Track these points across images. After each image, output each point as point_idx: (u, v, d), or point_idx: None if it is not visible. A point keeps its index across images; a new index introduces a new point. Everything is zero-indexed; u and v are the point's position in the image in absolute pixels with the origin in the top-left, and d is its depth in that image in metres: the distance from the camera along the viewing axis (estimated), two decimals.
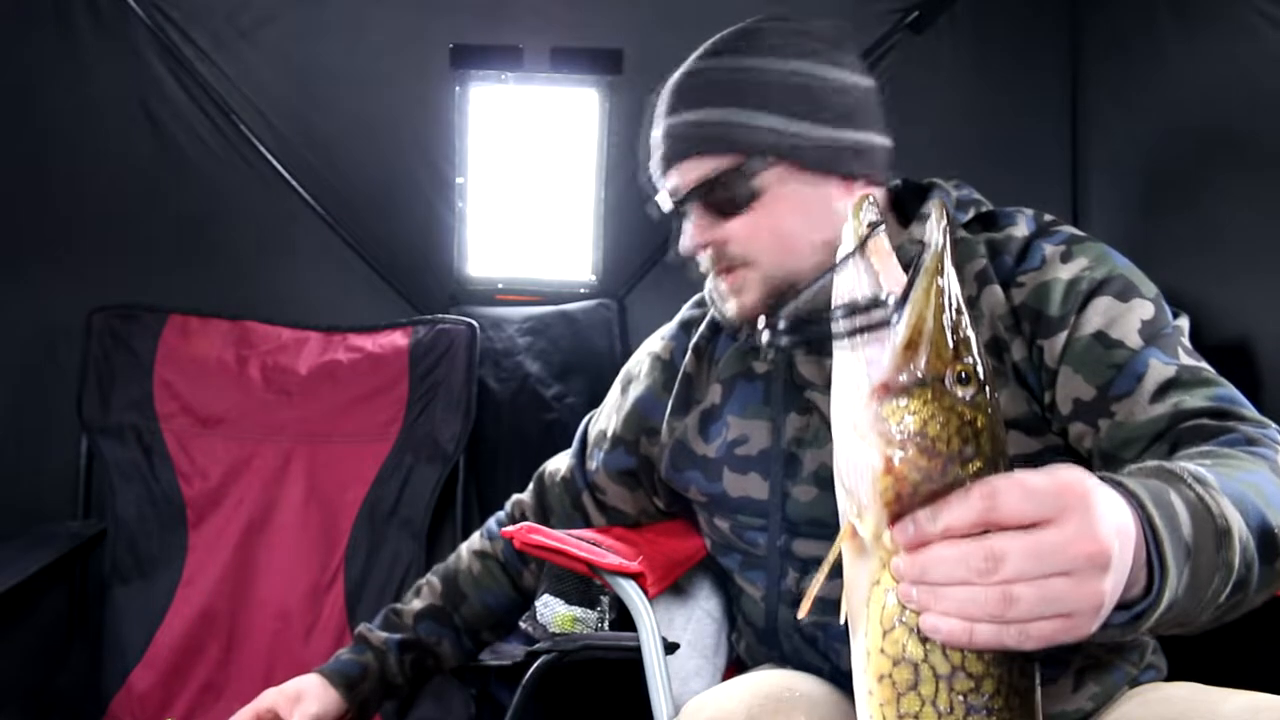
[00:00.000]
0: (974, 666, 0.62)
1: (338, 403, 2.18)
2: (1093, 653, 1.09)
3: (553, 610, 1.95)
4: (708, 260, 1.14)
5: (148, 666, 1.98)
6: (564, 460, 1.43)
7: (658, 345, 1.33)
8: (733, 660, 1.37)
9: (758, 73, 1.09)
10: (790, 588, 1.16)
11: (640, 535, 1.37)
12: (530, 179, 2.48)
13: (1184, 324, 1.07)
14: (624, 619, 1.31)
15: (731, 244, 1.11)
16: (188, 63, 2.30)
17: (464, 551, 1.45)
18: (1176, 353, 1.01)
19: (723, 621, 1.38)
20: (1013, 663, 0.63)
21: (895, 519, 0.62)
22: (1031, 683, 0.65)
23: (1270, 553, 0.74)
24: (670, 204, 1.14)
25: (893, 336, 0.63)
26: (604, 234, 2.45)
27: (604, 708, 1.78)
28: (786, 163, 1.08)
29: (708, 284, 1.18)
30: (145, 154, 2.31)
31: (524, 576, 1.43)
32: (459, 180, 2.40)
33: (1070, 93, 2.44)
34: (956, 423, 0.62)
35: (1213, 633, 0.75)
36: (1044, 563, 0.59)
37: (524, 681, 1.43)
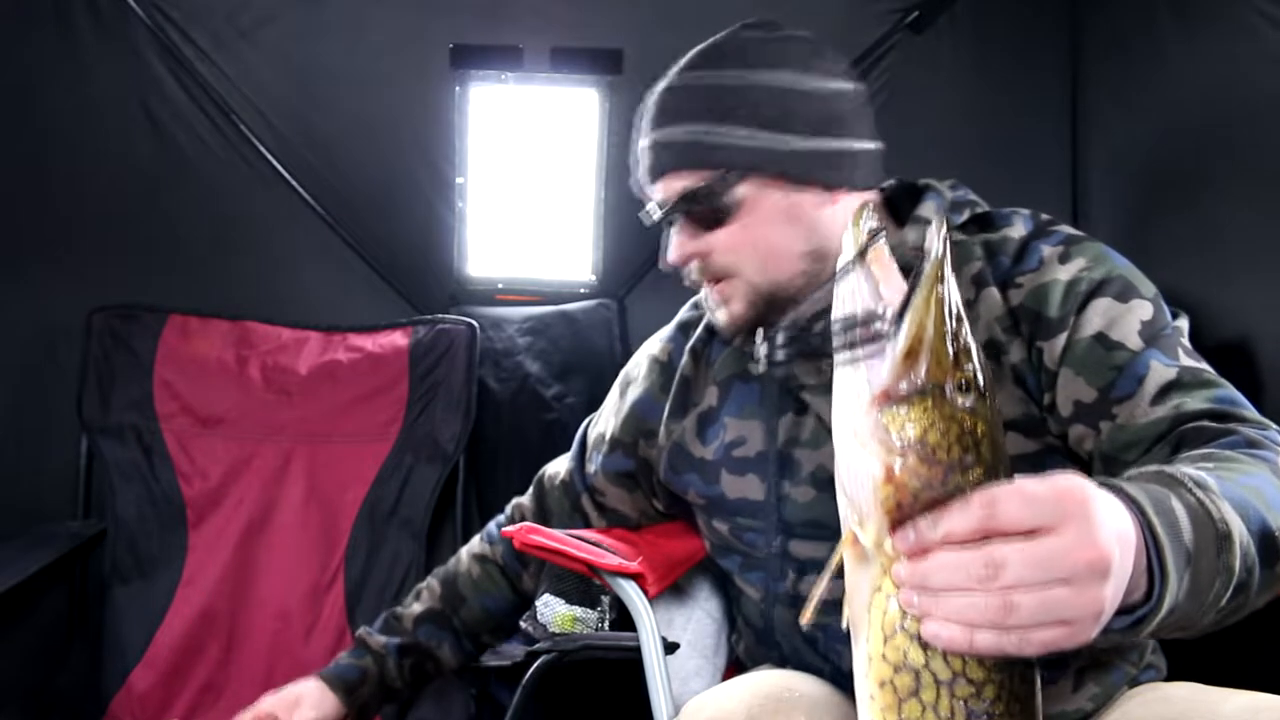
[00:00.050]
0: (975, 672, 0.63)
1: (338, 403, 2.17)
2: (1092, 653, 1.09)
3: (553, 610, 1.95)
4: (695, 271, 1.16)
5: (148, 666, 1.99)
6: (563, 463, 1.44)
7: (655, 347, 1.34)
8: (732, 661, 1.37)
9: (734, 86, 1.09)
10: (789, 589, 1.16)
11: (640, 536, 1.37)
12: (530, 179, 2.48)
13: (1183, 324, 1.07)
14: (624, 619, 1.31)
15: (715, 255, 1.13)
16: (188, 63, 2.30)
17: (464, 555, 1.45)
18: (1177, 354, 1.01)
19: (722, 622, 1.38)
20: (1013, 668, 0.64)
21: (896, 526, 0.62)
22: (1032, 688, 0.65)
23: (1271, 556, 0.74)
24: (656, 216, 1.16)
25: (893, 345, 0.63)
26: (604, 234, 2.44)
27: (604, 708, 1.78)
28: (763, 175, 1.09)
29: (702, 290, 1.19)
30: (145, 154, 2.30)
31: (523, 580, 1.43)
32: (459, 180, 2.40)
33: (1070, 93, 2.43)
34: (957, 431, 0.62)
35: (1212, 632, 0.75)
36: (1044, 570, 0.59)
37: (524, 681, 1.43)
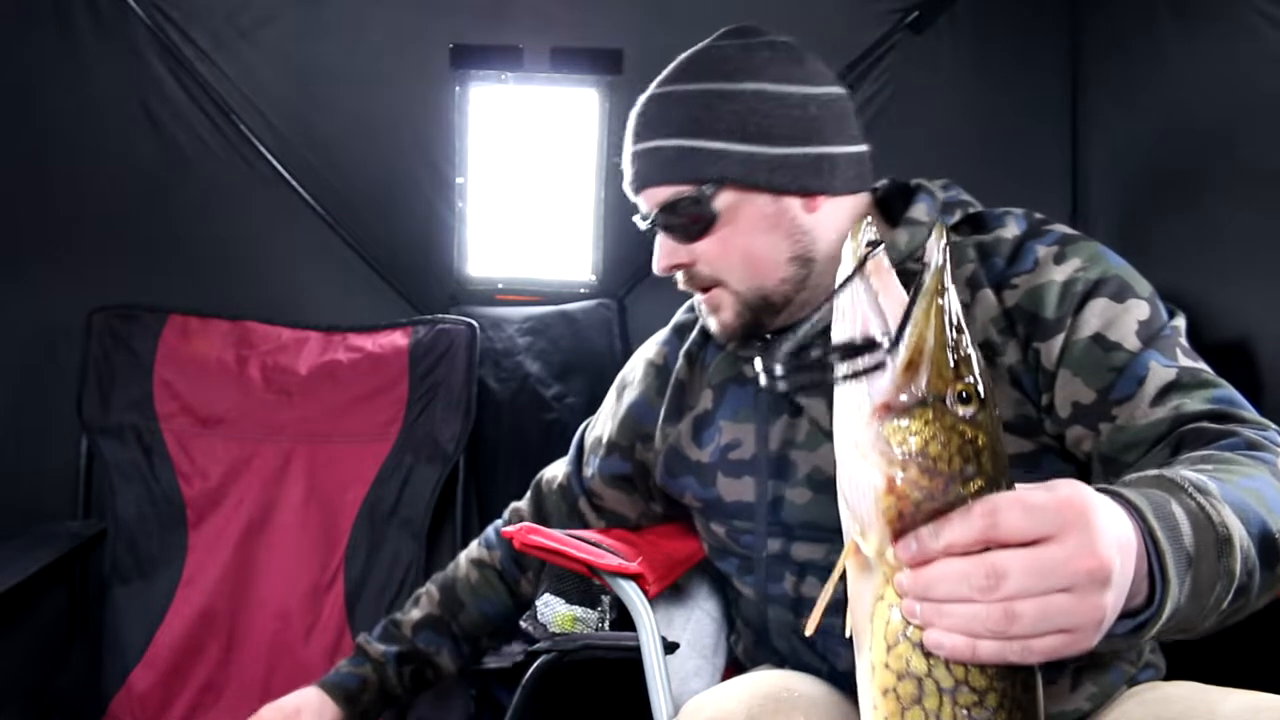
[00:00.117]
0: (977, 681, 0.63)
1: (338, 403, 2.18)
2: (1090, 653, 1.08)
3: (553, 610, 1.94)
4: (682, 280, 1.17)
5: (148, 666, 1.99)
6: (561, 467, 1.44)
7: (651, 351, 1.34)
8: (731, 661, 1.37)
9: (712, 98, 1.10)
10: (788, 591, 1.16)
11: (640, 536, 1.37)
12: (530, 179, 2.48)
13: (1180, 322, 1.06)
14: (624, 619, 1.31)
15: (700, 265, 1.14)
16: (188, 63, 2.30)
17: (462, 560, 1.45)
18: (1175, 354, 1.01)
19: (722, 622, 1.38)
20: (1016, 676, 0.64)
21: (898, 536, 0.62)
22: (1034, 695, 0.65)
23: (1271, 558, 0.74)
24: (643, 226, 1.17)
25: (894, 357, 0.63)
26: (604, 234, 2.44)
27: (604, 708, 1.78)
28: (742, 186, 1.10)
29: (695, 295, 1.20)
30: (145, 154, 2.30)
31: (521, 584, 1.43)
32: (459, 180, 2.40)
33: (1070, 93, 2.43)
34: (958, 442, 0.62)
35: (1211, 632, 0.75)
36: (1045, 579, 0.59)
37: (524, 681, 1.43)
